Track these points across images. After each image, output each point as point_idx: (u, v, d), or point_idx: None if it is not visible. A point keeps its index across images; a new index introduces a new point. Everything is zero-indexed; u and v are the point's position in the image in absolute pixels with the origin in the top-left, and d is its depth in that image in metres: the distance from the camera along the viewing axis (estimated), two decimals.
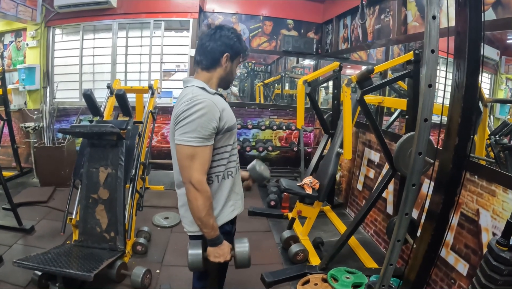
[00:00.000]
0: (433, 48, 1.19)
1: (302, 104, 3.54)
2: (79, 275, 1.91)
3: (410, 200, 1.34)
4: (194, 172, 1.20)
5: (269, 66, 7.73)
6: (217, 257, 1.27)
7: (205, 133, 1.20)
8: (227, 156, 1.34)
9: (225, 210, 1.37)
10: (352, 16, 3.97)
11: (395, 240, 1.40)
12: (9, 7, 3.68)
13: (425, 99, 1.23)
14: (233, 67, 1.37)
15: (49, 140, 4.14)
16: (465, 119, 1.37)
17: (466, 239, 1.95)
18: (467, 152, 1.42)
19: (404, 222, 1.37)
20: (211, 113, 1.21)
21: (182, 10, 4.36)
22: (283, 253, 2.85)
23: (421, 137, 1.28)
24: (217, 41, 1.30)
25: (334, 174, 2.92)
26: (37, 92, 4.49)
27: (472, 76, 1.37)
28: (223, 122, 1.26)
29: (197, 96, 1.22)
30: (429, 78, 1.22)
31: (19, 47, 4.69)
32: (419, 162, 1.30)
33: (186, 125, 1.19)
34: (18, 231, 2.86)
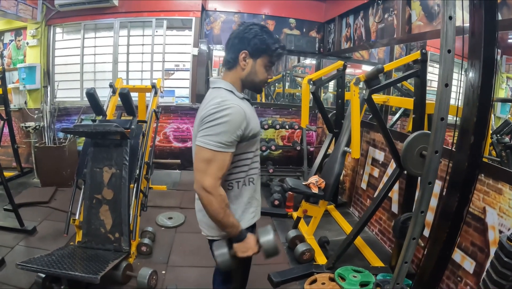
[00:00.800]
0: (450, 48, 1.18)
1: (307, 103, 3.52)
2: (85, 278, 1.88)
3: (426, 198, 1.33)
4: (207, 177, 1.16)
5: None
6: (244, 251, 1.23)
7: (228, 140, 1.15)
8: (249, 162, 1.30)
9: (246, 216, 1.34)
10: (355, 15, 3.96)
11: (410, 238, 1.39)
12: (9, 5, 3.63)
13: (442, 99, 1.22)
14: (256, 67, 1.26)
15: (50, 140, 4.10)
16: (481, 119, 1.37)
17: (472, 237, 1.95)
18: (482, 150, 1.42)
19: (420, 219, 1.36)
20: (238, 120, 1.16)
21: (184, 8, 4.33)
22: (289, 252, 2.83)
23: (438, 136, 1.27)
24: (236, 38, 1.24)
25: (340, 173, 2.91)
26: (38, 91, 4.45)
27: (487, 76, 1.37)
28: (249, 130, 1.21)
29: (226, 101, 1.17)
30: (445, 78, 1.21)
31: (19, 46, 4.64)
32: (436, 160, 1.29)
33: (211, 128, 1.15)
34: (20, 232, 2.83)
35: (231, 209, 1.29)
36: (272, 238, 1.25)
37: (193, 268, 2.49)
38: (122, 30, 4.50)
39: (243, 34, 1.23)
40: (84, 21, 4.46)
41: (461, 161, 1.45)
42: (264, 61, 1.26)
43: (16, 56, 4.72)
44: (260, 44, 1.22)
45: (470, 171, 1.44)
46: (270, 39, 1.24)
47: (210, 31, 4.89)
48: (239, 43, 1.24)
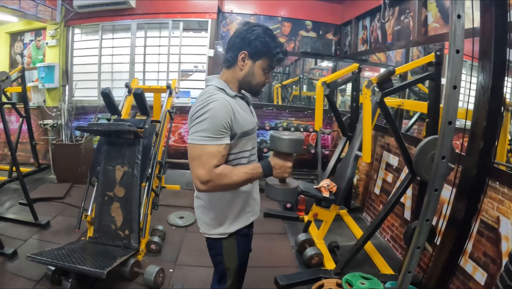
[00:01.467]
0: (458, 48, 1.15)
1: (321, 106, 3.51)
2: (92, 272, 1.93)
3: (432, 206, 1.30)
4: (200, 168, 1.14)
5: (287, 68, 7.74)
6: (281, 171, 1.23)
7: (215, 133, 1.14)
8: (245, 161, 1.29)
9: (242, 215, 1.35)
10: (371, 17, 3.92)
11: (414, 247, 1.35)
12: (28, 6, 3.80)
13: (450, 101, 1.19)
14: (255, 69, 1.24)
15: (67, 138, 4.25)
16: (491, 123, 1.34)
17: (485, 247, 1.88)
18: (492, 156, 1.39)
19: (425, 228, 1.32)
20: (223, 111, 1.16)
21: (201, 10, 4.40)
22: (298, 256, 2.82)
23: (445, 141, 1.23)
24: (238, 37, 1.24)
25: (351, 177, 2.88)
26: (56, 90, 4.62)
27: (498, 78, 1.32)
28: (238, 127, 1.21)
29: (212, 96, 1.17)
30: (454, 80, 1.17)
31: (39, 46, 4.84)
32: (443, 166, 1.25)
33: (197, 124, 1.16)
34: (34, 226, 2.94)
35: (228, 207, 1.32)
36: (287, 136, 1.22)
37: (201, 267, 2.51)
38: (139, 31, 4.61)
39: (245, 34, 1.22)
40: (102, 22, 4.60)
41: (470, 167, 1.41)
42: (263, 64, 1.25)
43: (36, 56, 4.92)
44: (261, 46, 1.21)
45: (479, 178, 1.40)
46: (272, 43, 1.22)
47: (227, 33, 4.95)
48: (240, 43, 1.23)
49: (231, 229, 1.34)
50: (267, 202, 3.85)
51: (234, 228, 1.34)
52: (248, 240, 1.44)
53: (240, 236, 1.37)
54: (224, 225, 1.33)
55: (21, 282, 2.19)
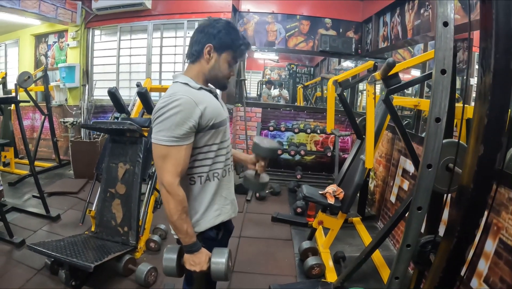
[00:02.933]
0: (447, 20, 0.99)
1: (332, 106, 3.39)
2: (81, 265, 2.00)
3: (414, 228, 1.13)
4: (165, 174, 1.16)
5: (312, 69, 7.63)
6: (192, 265, 1.21)
7: (180, 133, 1.14)
8: (212, 155, 1.27)
9: (208, 214, 1.31)
10: (391, 12, 3.73)
11: (392, 277, 1.20)
12: (48, 10, 4.08)
13: (437, 91, 1.02)
14: (220, 62, 1.26)
15: (85, 135, 4.47)
16: (494, 121, 1.04)
17: (502, 271, 1.67)
18: (496, 165, 1.09)
19: (405, 255, 1.17)
20: (187, 111, 1.15)
21: (215, 10, 4.45)
22: (299, 264, 2.73)
23: (431, 144, 1.06)
24: (202, 32, 1.24)
25: (359, 184, 2.74)
26: (77, 89, 4.91)
27: (504, 57, 0.99)
28: (206, 120, 1.20)
29: (176, 93, 1.17)
30: (442, 61, 1.00)
31: (62, 47, 5.18)
32: (428, 178, 1.08)
33: (161, 123, 1.15)
34: (45, 218, 3.13)
35: (193, 205, 1.28)
36: (224, 261, 1.20)
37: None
38: (155, 32, 4.76)
39: (209, 28, 1.23)
40: (120, 24, 4.80)
41: (466, 179, 1.13)
42: (228, 57, 1.27)
43: (59, 57, 5.25)
44: (225, 39, 1.23)
45: (478, 194, 1.11)
46: (234, 35, 1.25)
47: (244, 33, 4.96)
48: (204, 37, 1.23)
49: (196, 228, 1.29)
50: (277, 206, 3.81)
51: (199, 227, 1.30)
52: (217, 245, 1.35)
53: (206, 240, 1.31)
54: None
55: (23, 270, 2.34)
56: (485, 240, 1.85)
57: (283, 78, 7.70)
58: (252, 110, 5.10)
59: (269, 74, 8.06)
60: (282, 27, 4.97)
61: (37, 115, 5.08)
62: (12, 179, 4.10)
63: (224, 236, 1.40)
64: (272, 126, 4.61)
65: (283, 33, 4.99)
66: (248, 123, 4.96)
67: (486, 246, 1.83)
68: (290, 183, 4.55)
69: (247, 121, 4.92)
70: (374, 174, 3.87)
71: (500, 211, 1.78)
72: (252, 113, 5.11)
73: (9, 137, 4.35)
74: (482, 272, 1.81)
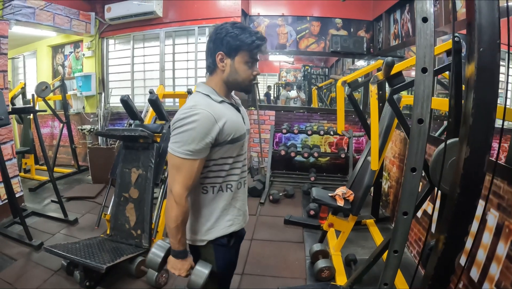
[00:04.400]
0: (425, 16, 0.96)
1: (342, 107, 3.39)
2: (93, 266, 2.11)
3: (401, 233, 1.11)
4: (176, 184, 1.19)
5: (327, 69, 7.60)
6: (174, 268, 1.28)
7: (196, 148, 1.16)
8: (226, 168, 1.29)
9: (220, 223, 1.33)
10: (401, 9, 3.70)
11: (381, 283, 1.20)
12: (62, 22, 4.33)
13: (419, 90, 0.99)
14: (236, 65, 1.23)
15: (102, 142, 4.67)
16: (480, 120, 0.99)
17: None
18: (485, 169, 1.03)
19: (393, 261, 1.15)
20: (205, 127, 1.16)
21: (225, 15, 4.54)
22: (310, 267, 2.76)
23: (415, 147, 1.04)
24: (210, 41, 1.25)
25: (369, 186, 2.73)
26: (94, 97, 5.14)
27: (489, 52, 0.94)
28: (225, 135, 1.21)
29: (196, 106, 1.17)
30: (422, 59, 0.98)
31: (78, 57, 5.43)
32: (413, 182, 1.06)
33: (179, 135, 1.17)
34: (63, 222, 3.30)
35: (203, 214, 1.32)
36: (204, 276, 1.25)
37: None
38: (167, 39, 4.91)
39: (215, 35, 1.23)
40: (133, 33, 4.99)
41: (452, 184, 1.09)
42: (244, 58, 1.23)
43: (75, 66, 5.51)
44: (233, 41, 1.20)
45: (464, 201, 1.06)
46: (243, 34, 1.20)
47: None
48: (213, 46, 1.24)
49: (208, 236, 1.33)
50: (290, 209, 3.84)
51: (211, 236, 1.33)
52: (229, 252, 1.40)
53: (218, 246, 1.35)
54: (201, 231, 1.33)
55: (41, 271, 2.50)
56: (496, 242, 1.83)
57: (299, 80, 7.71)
58: (265, 114, 5.17)
59: (285, 76, 8.09)
60: (292, 29, 5.01)
61: (56, 123, 5.36)
62: (33, 185, 4.34)
63: (235, 242, 1.43)
64: (285, 128, 4.65)
65: (294, 35, 5.03)
66: (261, 126, 5.03)
67: (498, 249, 1.80)
68: (304, 185, 4.57)
69: (260, 124, 4.99)
70: (388, 174, 3.84)
71: (511, 212, 1.75)
72: (265, 116, 5.18)
73: (29, 145, 4.59)
74: (494, 276, 1.78)
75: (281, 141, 5.12)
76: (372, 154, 2.26)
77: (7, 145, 3.40)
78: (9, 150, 3.43)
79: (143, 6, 4.47)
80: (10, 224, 3.15)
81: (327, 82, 7.01)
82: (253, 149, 5.24)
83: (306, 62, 7.45)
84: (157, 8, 4.53)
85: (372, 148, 2.26)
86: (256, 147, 5.08)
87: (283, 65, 8.14)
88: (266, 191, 4.30)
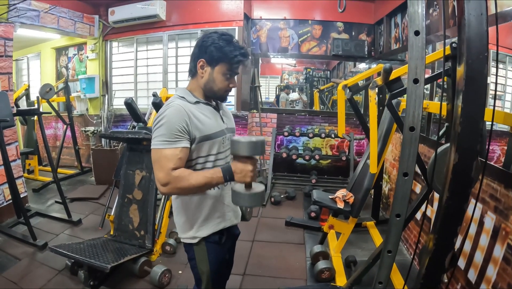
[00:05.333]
0: (418, 29, 1.01)
1: (343, 111, 3.44)
2: (97, 265, 2.17)
3: (394, 234, 1.16)
4: (159, 172, 1.21)
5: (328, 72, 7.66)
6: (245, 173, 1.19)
7: (171, 137, 1.21)
8: (209, 165, 1.33)
9: (210, 220, 1.38)
10: (402, 13, 3.75)
11: (376, 282, 1.25)
12: (67, 24, 4.40)
13: (411, 100, 1.04)
14: (214, 75, 1.30)
15: (106, 144, 4.73)
16: (468, 127, 1.04)
17: (511, 277, 1.68)
18: (472, 175, 1.07)
19: (387, 261, 1.20)
20: (177, 116, 1.22)
21: (228, 19, 4.61)
22: (310, 268, 2.80)
23: (406, 153, 1.09)
24: (196, 46, 1.32)
25: (368, 188, 2.77)
26: (97, 99, 5.21)
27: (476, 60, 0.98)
28: (196, 129, 1.26)
29: (169, 105, 1.26)
30: (414, 71, 1.03)
31: (82, 59, 5.50)
32: (405, 186, 1.11)
33: (156, 130, 1.24)
34: (67, 222, 3.36)
35: (194, 212, 1.36)
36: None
37: None
38: (170, 42, 4.97)
39: (202, 42, 1.29)
40: (136, 36, 5.06)
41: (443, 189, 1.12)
42: (223, 69, 1.29)
43: (79, 68, 5.59)
44: (216, 52, 1.26)
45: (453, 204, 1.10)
46: (228, 47, 1.26)
47: (257, 39, 5.10)
48: (198, 52, 1.30)
49: (199, 234, 1.38)
50: (291, 211, 3.89)
51: (202, 233, 1.38)
52: (220, 248, 1.44)
53: (210, 243, 1.40)
54: (192, 229, 1.38)
55: (45, 270, 2.55)
56: (493, 245, 1.86)
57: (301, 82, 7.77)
58: (267, 116, 5.22)
59: (287, 78, 8.15)
60: (294, 32, 5.07)
61: (59, 124, 5.43)
62: (36, 186, 4.40)
63: (227, 240, 1.47)
64: (287, 131, 4.70)
65: (295, 38, 5.09)
66: (263, 129, 5.08)
67: (494, 251, 1.83)
68: (305, 188, 4.62)
69: (262, 127, 5.04)
70: (388, 177, 3.89)
71: (508, 215, 1.78)
72: (267, 119, 5.23)
73: (32, 146, 4.66)
74: (491, 278, 1.81)
75: (283, 144, 5.17)
76: (371, 157, 2.31)
77: (11, 146, 3.46)
78: (13, 151, 3.49)
79: (146, 10, 4.54)
80: (14, 224, 3.21)
81: (328, 85, 7.07)
82: None
83: (308, 64, 7.52)
84: (160, 11, 4.59)
85: (371, 152, 2.31)
86: None
87: (285, 67, 8.21)
88: (267, 193, 4.35)
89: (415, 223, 3.00)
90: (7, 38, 3.45)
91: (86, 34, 4.84)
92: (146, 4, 4.54)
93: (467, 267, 2.05)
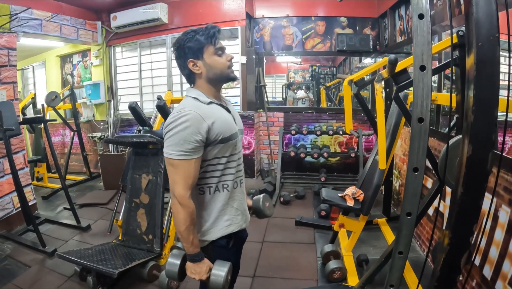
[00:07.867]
0: (422, 13, 0.95)
1: (349, 107, 3.38)
2: (105, 271, 2.16)
3: (405, 234, 1.09)
4: (177, 186, 1.22)
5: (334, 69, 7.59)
6: (193, 273, 1.28)
7: (189, 147, 1.20)
8: (221, 167, 1.32)
9: (218, 223, 1.36)
10: (406, 5, 3.68)
11: (387, 284, 1.19)
12: (69, 32, 4.45)
13: (418, 89, 0.98)
14: (208, 62, 1.30)
15: (113, 149, 4.76)
16: (481, 117, 0.96)
17: None
18: (488, 167, 0.99)
19: (398, 262, 1.14)
20: (194, 126, 1.21)
21: (230, 19, 4.60)
22: (321, 268, 2.75)
23: (416, 146, 1.02)
24: (176, 58, 1.33)
25: (378, 185, 2.71)
26: (103, 105, 5.24)
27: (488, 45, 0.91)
28: (214, 134, 1.25)
29: (184, 109, 1.23)
30: (420, 57, 0.97)
31: (86, 66, 5.55)
32: (415, 182, 1.04)
33: (170, 138, 1.22)
34: (76, 228, 3.37)
35: (202, 215, 1.34)
36: (223, 275, 1.25)
37: None
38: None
39: (177, 51, 1.31)
40: (140, 40, 5.09)
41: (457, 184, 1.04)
42: (210, 52, 1.30)
43: (84, 75, 5.64)
44: (194, 44, 1.28)
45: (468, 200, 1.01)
46: (196, 34, 1.28)
47: (261, 38, 5.07)
48: (181, 60, 1.31)
49: (206, 237, 1.36)
50: (301, 210, 3.85)
51: (210, 236, 1.36)
52: (228, 253, 1.41)
53: (217, 247, 1.37)
54: (200, 232, 1.36)
55: (55, 277, 2.56)
56: (508, 240, 1.80)
57: (307, 80, 7.71)
58: (274, 115, 5.19)
59: (293, 77, 8.11)
60: (298, 30, 5.03)
61: (67, 131, 5.49)
62: (45, 193, 4.44)
63: (235, 244, 1.44)
64: (294, 130, 4.66)
65: (299, 36, 5.04)
66: (270, 128, 5.04)
67: (510, 247, 1.77)
68: (314, 186, 4.57)
69: (269, 126, 5.01)
70: (398, 172, 3.81)
71: None
72: (274, 118, 5.19)
73: (41, 154, 4.70)
74: (507, 274, 1.75)
75: (291, 143, 5.13)
76: (379, 153, 2.25)
77: (19, 154, 3.49)
78: (21, 159, 3.52)
79: (148, 13, 4.55)
80: (24, 232, 3.24)
81: (334, 81, 7.00)
82: (263, 151, 5.26)
83: (314, 62, 7.45)
84: (162, 14, 4.60)
85: (380, 147, 2.25)
86: (266, 148, 5.10)
87: (291, 66, 8.16)
88: (276, 193, 4.31)
89: (427, 219, 2.92)
90: (10, 48, 3.49)
91: (90, 41, 4.88)
92: (148, 8, 4.56)
93: (482, 263, 1.98)
